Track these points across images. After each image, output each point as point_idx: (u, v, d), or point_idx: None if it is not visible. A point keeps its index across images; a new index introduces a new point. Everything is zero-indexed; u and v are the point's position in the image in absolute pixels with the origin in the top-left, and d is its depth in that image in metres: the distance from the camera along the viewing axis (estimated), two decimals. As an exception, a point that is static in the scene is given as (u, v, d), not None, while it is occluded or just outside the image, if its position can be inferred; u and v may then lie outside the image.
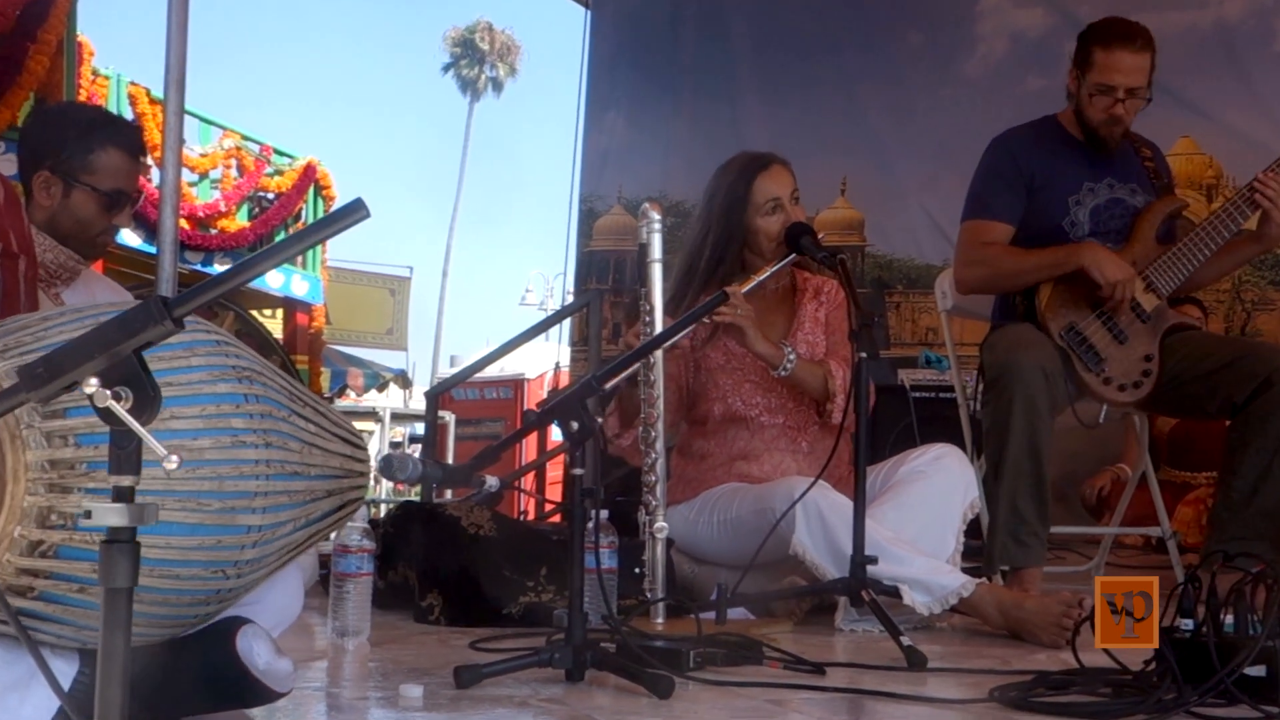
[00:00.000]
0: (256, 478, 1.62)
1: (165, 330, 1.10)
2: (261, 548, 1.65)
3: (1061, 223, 3.48)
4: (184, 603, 1.62)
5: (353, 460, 1.83)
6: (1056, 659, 2.43)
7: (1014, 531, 3.19)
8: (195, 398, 1.60)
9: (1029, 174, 3.50)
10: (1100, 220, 3.49)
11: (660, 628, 2.61)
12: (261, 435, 1.63)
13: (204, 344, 1.67)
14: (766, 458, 3.20)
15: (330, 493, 1.77)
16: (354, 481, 1.83)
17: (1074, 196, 3.49)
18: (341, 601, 2.46)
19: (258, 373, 1.69)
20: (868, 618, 2.76)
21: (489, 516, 2.97)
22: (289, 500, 1.68)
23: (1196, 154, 6.79)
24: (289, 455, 1.67)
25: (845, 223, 7.37)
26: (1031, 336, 3.31)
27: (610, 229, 8.06)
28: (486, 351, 6.56)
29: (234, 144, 10.52)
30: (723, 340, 3.23)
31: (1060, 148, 3.53)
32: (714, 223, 3.23)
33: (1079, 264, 3.32)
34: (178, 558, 1.56)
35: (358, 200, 1.04)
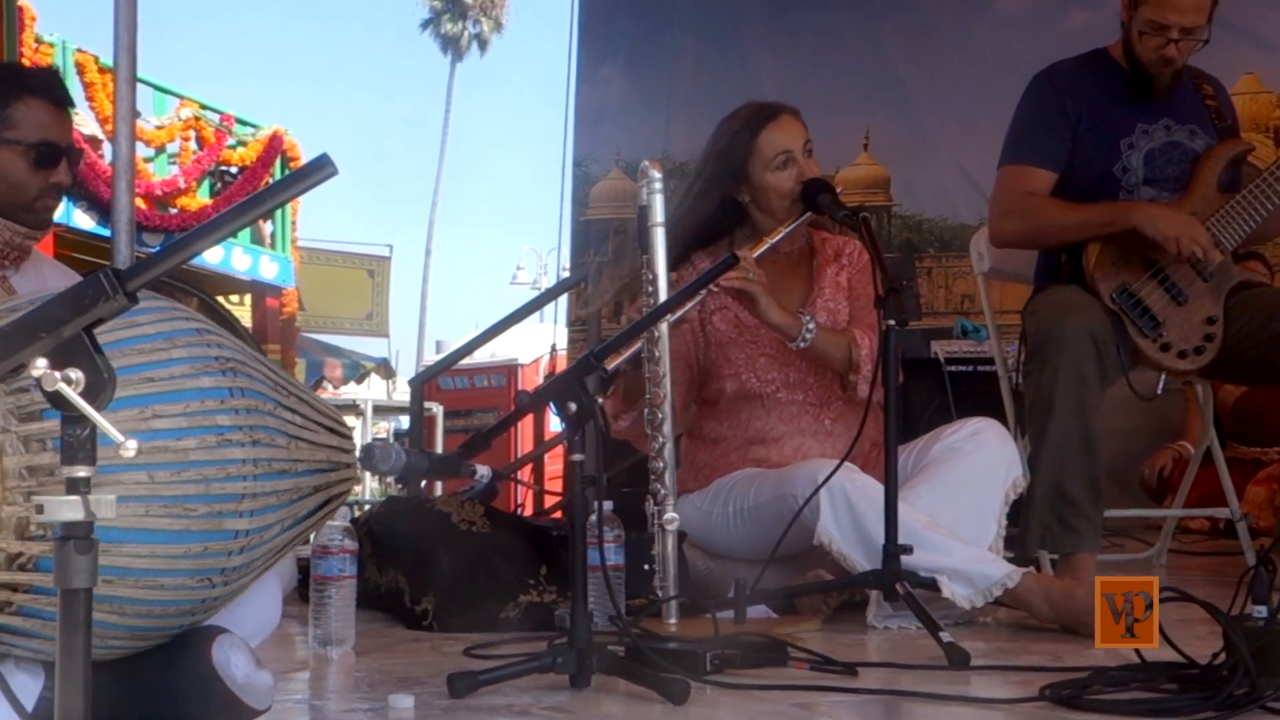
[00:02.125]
0: (244, 479, 1.64)
1: (118, 305, 1.12)
2: (249, 553, 1.67)
3: (1112, 169, 3.46)
4: (169, 614, 1.64)
5: (339, 451, 1.85)
6: (1116, 655, 2.43)
7: (1061, 515, 3.20)
8: (178, 394, 1.62)
9: (1075, 114, 3.48)
10: (1156, 166, 3.48)
11: (673, 628, 2.63)
12: (248, 432, 1.66)
13: (184, 334, 1.69)
14: (786, 440, 3.21)
15: (317, 488, 1.79)
16: (340, 475, 1.86)
17: (1126, 139, 3.48)
18: (323, 608, 2.48)
19: (242, 363, 1.71)
20: (903, 613, 2.76)
21: (482, 512, 2.99)
22: (277, 500, 1.70)
23: (1262, 92, 6.78)
24: (276, 452, 1.70)
25: (869, 180, 7.36)
26: (1079, 299, 3.30)
27: (608, 195, 8.05)
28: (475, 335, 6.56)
29: (192, 114, 10.54)
30: (733, 311, 3.23)
31: (1111, 85, 3.51)
32: (717, 180, 3.23)
33: (1130, 224, 3.30)
34: (163, 567, 1.58)
35: (323, 156, 1.05)
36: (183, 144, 10.40)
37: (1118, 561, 4.27)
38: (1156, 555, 4.26)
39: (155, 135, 10.08)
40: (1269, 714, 1.88)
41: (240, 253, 10.79)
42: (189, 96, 10.59)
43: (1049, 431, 3.20)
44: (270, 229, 11.56)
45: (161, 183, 9.98)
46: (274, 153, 11.11)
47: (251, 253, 10.98)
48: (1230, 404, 5.48)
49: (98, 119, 9.31)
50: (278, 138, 11.20)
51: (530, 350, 14.71)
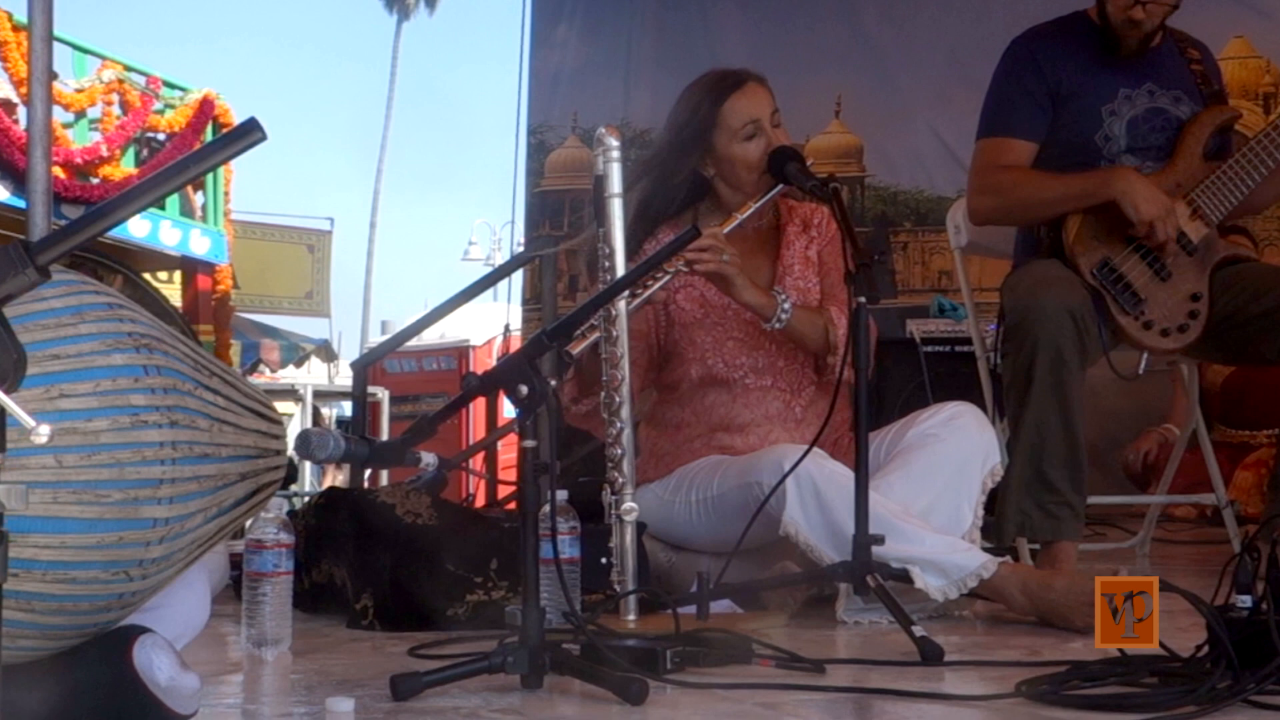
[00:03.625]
0: (161, 463, 1.63)
1: (28, 280, 1.11)
2: (169, 544, 1.66)
3: (1094, 138, 3.49)
4: (82, 610, 1.63)
5: (268, 437, 1.85)
6: (1094, 648, 2.46)
7: (1041, 501, 3.23)
8: (87, 371, 1.60)
9: (1054, 81, 3.50)
10: (1139, 134, 3.50)
11: (632, 625, 2.63)
12: (165, 413, 1.64)
13: (94, 308, 1.67)
14: (753, 427, 3.21)
15: (244, 476, 1.78)
16: (270, 462, 1.85)
17: (1108, 106, 3.50)
18: (257, 606, 2.47)
19: (158, 340, 1.70)
20: (874, 607, 2.78)
21: (429, 503, 2.98)
22: (199, 487, 1.69)
23: (1252, 57, 6.83)
24: (197, 435, 1.69)
25: (841, 149, 7.39)
26: (1057, 274, 3.32)
27: (564, 164, 8.05)
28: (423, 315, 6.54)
29: (115, 76, 10.42)
30: (698, 289, 3.24)
31: (1091, 49, 3.53)
32: (679, 153, 3.23)
33: (1110, 195, 3.33)
34: (73, 559, 1.57)
35: (251, 120, 1.04)
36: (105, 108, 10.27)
37: (1101, 550, 4.31)
38: (1140, 544, 4.29)
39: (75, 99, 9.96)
40: (1252, 708, 1.90)
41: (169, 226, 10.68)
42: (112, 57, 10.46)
43: (1027, 413, 3.23)
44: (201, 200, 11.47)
45: (82, 150, 9.86)
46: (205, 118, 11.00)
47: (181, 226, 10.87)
48: (1218, 384, 5.53)
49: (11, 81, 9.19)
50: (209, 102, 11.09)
51: (483, 331, 14.69)
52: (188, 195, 11.34)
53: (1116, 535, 4.63)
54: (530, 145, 8.13)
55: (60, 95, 9.33)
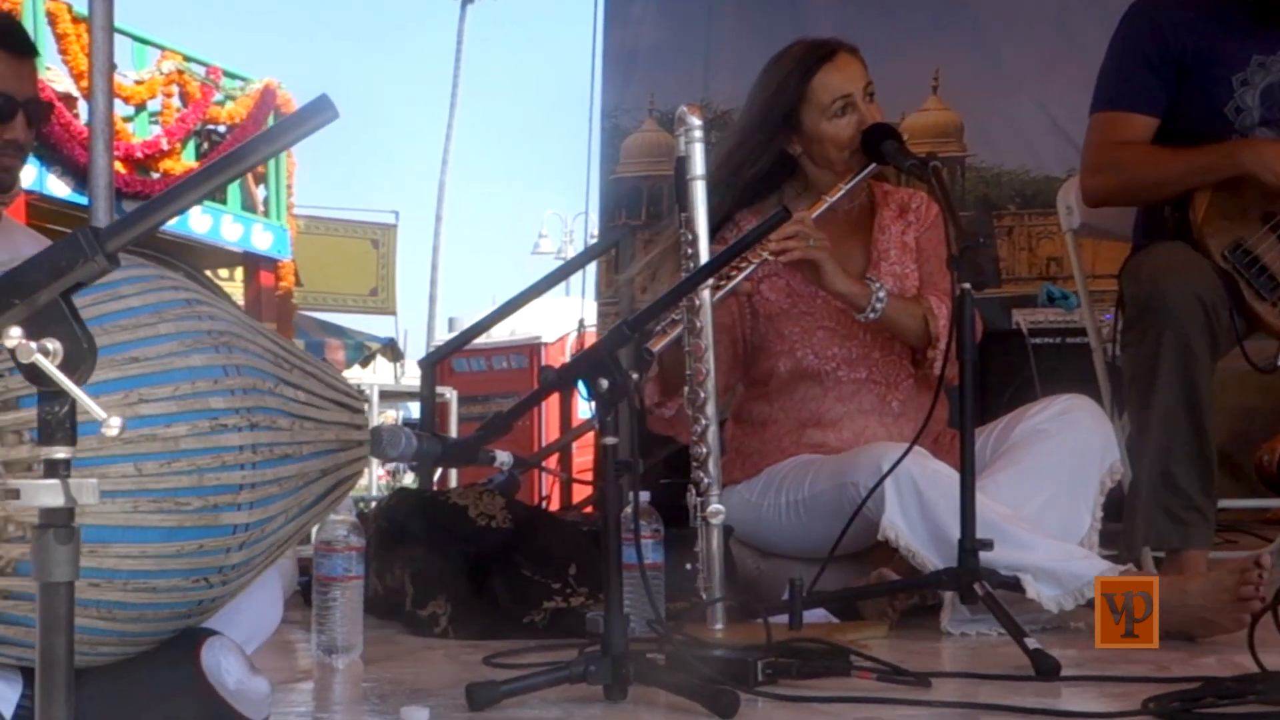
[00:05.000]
0: (241, 467, 1.66)
1: (98, 267, 1.13)
2: (249, 549, 1.69)
3: (1224, 109, 3.43)
4: (162, 618, 1.66)
5: (350, 429, 1.87)
6: (1230, 663, 2.43)
7: (1167, 506, 3.18)
8: (167, 375, 1.63)
9: (1178, 49, 3.45)
10: (1275, 105, 3.43)
11: (719, 634, 2.65)
12: (245, 415, 1.67)
13: (173, 305, 1.70)
14: (846, 423, 3.21)
15: (325, 472, 1.80)
16: (351, 455, 1.87)
17: (1240, 75, 3.44)
18: (327, 612, 2.50)
19: (238, 336, 1.72)
20: (981, 617, 2.77)
21: (503, 505, 3.01)
22: (279, 490, 1.71)
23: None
24: (278, 436, 1.71)
25: (939, 128, 7.33)
26: (1184, 258, 3.27)
27: (641, 149, 8.04)
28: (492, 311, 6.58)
29: (175, 67, 10.57)
30: (784, 278, 3.23)
31: (1221, 11, 3.46)
32: (764, 131, 3.23)
33: (1238, 168, 3.27)
34: (154, 568, 1.60)
35: (323, 98, 1.05)
36: (165, 100, 10.40)
37: (1231, 560, 4.24)
38: (1276, 552, 4.22)
39: (135, 91, 10.11)
40: None
41: (230, 221, 10.81)
42: (171, 48, 10.60)
43: (1153, 411, 3.17)
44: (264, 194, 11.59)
45: (142, 144, 9.99)
46: (266, 109, 11.12)
47: (243, 221, 11.00)
48: (1368, 378, 5.44)
49: (72, 74, 9.33)
50: (270, 92, 11.21)
51: (555, 327, 14.74)
52: (249, 189, 11.47)
53: (1249, 543, 4.56)
54: (604, 130, 8.13)
55: (120, 88, 9.47)
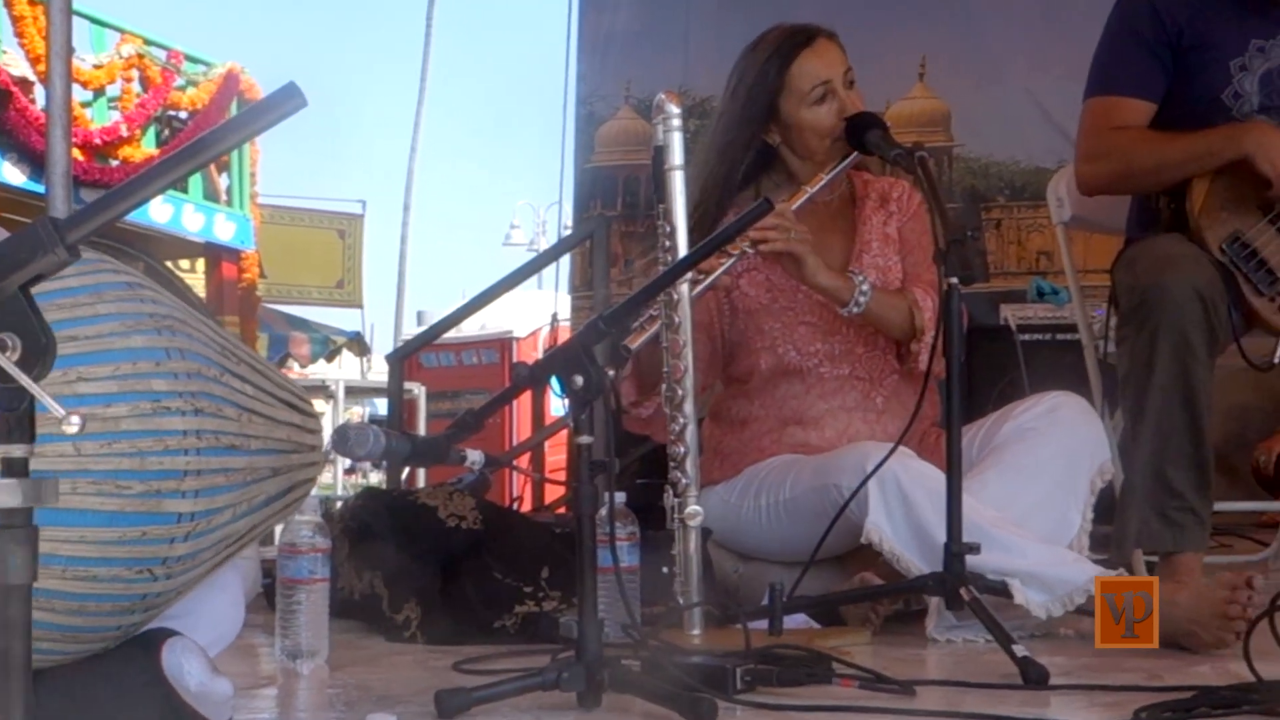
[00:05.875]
0: (185, 453, 1.65)
1: (58, 259, 1.14)
2: (195, 540, 1.69)
3: (1221, 95, 3.43)
4: (103, 611, 1.65)
5: (302, 431, 1.87)
6: (1225, 672, 2.44)
7: (1161, 507, 3.18)
8: (106, 354, 1.63)
9: (1175, 32, 3.45)
10: (1274, 91, 3.44)
11: (697, 640, 2.65)
12: (189, 400, 1.67)
13: (113, 287, 1.70)
14: (829, 421, 3.22)
15: (276, 471, 1.81)
16: (305, 458, 1.87)
17: (1238, 60, 3.45)
18: (292, 615, 2.50)
19: (180, 321, 1.72)
20: (967, 623, 2.78)
21: (473, 505, 3.01)
22: (226, 481, 1.71)
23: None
24: (224, 424, 1.71)
25: (926, 116, 7.35)
26: (1181, 251, 3.27)
27: (617, 137, 8.05)
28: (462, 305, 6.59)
29: (135, 51, 10.53)
30: (763, 272, 3.24)
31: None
32: (742, 120, 3.23)
33: (1240, 151, 3.26)
34: (94, 554, 1.60)
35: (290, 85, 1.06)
36: (124, 85, 10.35)
37: (1226, 564, 4.25)
38: (1273, 556, 4.23)
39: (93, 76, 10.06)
40: None
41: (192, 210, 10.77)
42: (131, 31, 10.55)
43: (1148, 409, 3.17)
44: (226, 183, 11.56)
45: (101, 130, 9.95)
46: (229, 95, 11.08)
47: (205, 210, 10.96)
48: (1369, 377, 5.46)
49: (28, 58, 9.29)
50: (233, 77, 11.17)
51: (527, 322, 14.74)
52: (212, 177, 11.44)
53: (1245, 547, 4.58)
54: (579, 117, 8.14)
55: (78, 72, 9.43)
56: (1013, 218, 7.27)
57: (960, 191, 7.22)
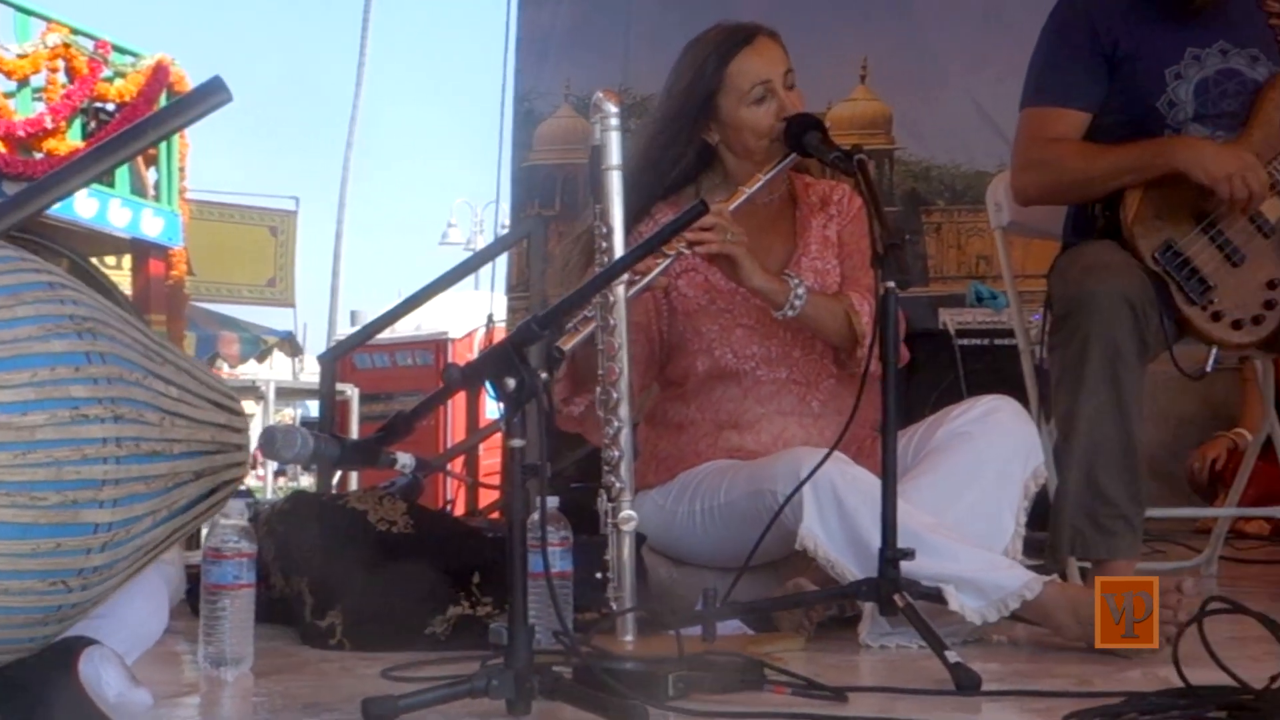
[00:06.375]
0: (104, 461, 1.64)
1: (-33, 256, 1.13)
2: (112, 551, 1.68)
3: (1157, 104, 3.47)
4: (15, 624, 1.64)
5: (228, 431, 1.86)
6: (1155, 678, 2.46)
7: (1093, 514, 3.22)
8: (24, 359, 1.61)
9: (1110, 41, 3.49)
10: (1209, 99, 3.48)
11: (630, 647, 2.66)
12: (109, 406, 1.66)
13: (33, 287, 1.68)
14: (764, 423, 3.23)
15: (199, 474, 1.80)
16: (229, 459, 1.86)
17: (1173, 68, 3.48)
18: (216, 621, 2.48)
19: (103, 324, 1.71)
20: (901, 630, 2.79)
21: (405, 510, 3.00)
22: (147, 488, 1.70)
23: (1339, 10, 6.81)
24: (145, 430, 1.70)
25: (867, 119, 7.39)
26: (1114, 258, 3.31)
27: (556, 136, 8.05)
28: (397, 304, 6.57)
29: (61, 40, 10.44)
30: (702, 273, 3.25)
31: (1154, 4, 3.52)
32: (681, 119, 3.25)
33: (1171, 165, 3.31)
34: (6, 567, 1.59)
35: (216, 80, 1.06)
36: (50, 76, 10.26)
37: (1160, 570, 4.28)
38: (1206, 563, 4.27)
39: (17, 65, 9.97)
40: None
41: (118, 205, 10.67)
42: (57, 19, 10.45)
43: (1080, 416, 3.20)
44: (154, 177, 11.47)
45: (25, 122, 9.86)
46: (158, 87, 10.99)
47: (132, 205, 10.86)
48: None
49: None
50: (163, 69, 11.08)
51: (463, 322, 14.71)
52: (139, 171, 11.35)
53: (1179, 553, 4.62)
54: (517, 115, 8.14)
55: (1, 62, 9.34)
56: (953, 222, 7.31)
57: (901, 195, 7.25)
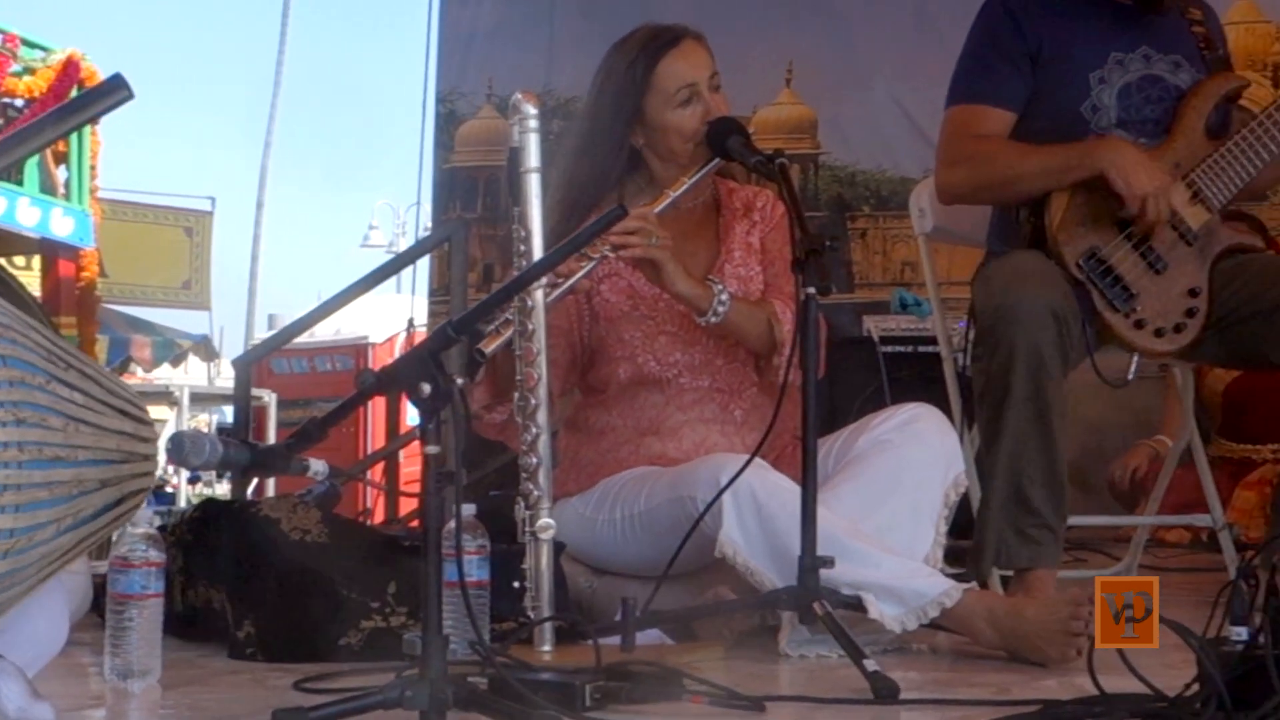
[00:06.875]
0: (5, 466, 1.63)
1: None
2: (14, 558, 1.67)
3: (1080, 108, 3.51)
4: (-87, 636, 1.63)
5: (134, 440, 1.85)
6: (1071, 686, 2.50)
7: (1018, 524, 3.24)
8: (-82, 362, 1.60)
9: (1036, 43, 3.52)
10: (1132, 105, 3.53)
11: (547, 657, 2.66)
12: (10, 410, 1.65)
13: (-72, 291, 1.68)
14: (686, 430, 3.23)
15: (105, 483, 1.79)
16: (136, 468, 1.85)
17: (1097, 72, 3.52)
18: (123, 632, 2.47)
19: (5, 326, 1.70)
20: (822, 638, 2.81)
21: (319, 519, 2.99)
22: (49, 495, 1.69)
23: (1260, 22, 6.90)
24: (48, 435, 1.69)
25: (792, 123, 7.40)
26: (1038, 266, 3.33)
27: (477, 137, 8.04)
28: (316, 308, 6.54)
29: (-34, 34, 10.36)
30: (625, 278, 3.26)
31: (1079, 7, 3.57)
32: (606, 121, 3.26)
33: (1096, 167, 3.34)
34: (-97, 576, 1.58)
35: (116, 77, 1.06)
36: (-46, 70, 10.20)
37: (1082, 579, 4.31)
38: (1126, 571, 4.27)
39: (-82, 60, 9.90)
40: (1243, 752, 1.92)
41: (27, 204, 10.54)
42: (-39, 12, 10.40)
43: (1003, 425, 3.23)
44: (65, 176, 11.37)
45: (-73, 119, 9.79)
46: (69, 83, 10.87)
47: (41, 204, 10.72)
48: (1220, 393, 5.57)
49: None
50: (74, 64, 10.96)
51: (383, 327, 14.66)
52: (49, 169, 11.23)
53: (1100, 561, 4.67)
54: (439, 115, 8.11)
55: (-98, 57, 9.22)
56: (878, 227, 7.33)
57: (826, 200, 7.26)
